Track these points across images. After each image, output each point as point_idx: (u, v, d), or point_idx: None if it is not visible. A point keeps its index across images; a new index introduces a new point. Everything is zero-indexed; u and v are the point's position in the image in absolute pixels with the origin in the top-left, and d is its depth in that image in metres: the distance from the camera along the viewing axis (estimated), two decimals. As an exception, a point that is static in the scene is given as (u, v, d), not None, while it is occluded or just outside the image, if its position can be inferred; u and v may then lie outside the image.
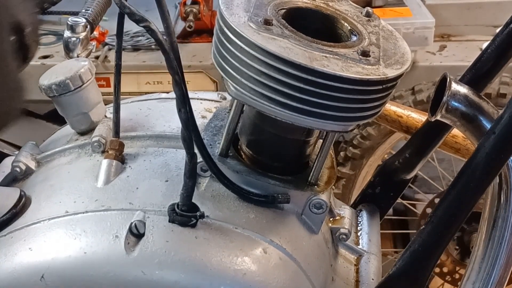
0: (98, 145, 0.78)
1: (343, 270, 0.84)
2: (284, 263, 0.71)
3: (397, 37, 0.74)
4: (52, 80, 0.79)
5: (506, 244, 0.74)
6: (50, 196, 0.74)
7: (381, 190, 0.99)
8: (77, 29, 0.85)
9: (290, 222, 0.75)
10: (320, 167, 0.75)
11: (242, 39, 0.65)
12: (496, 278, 0.75)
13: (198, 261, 0.67)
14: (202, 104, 0.86)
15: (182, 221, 0.69)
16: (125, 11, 0.65)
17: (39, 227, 0.70)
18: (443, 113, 0.74)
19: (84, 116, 0.82)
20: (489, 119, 0.73)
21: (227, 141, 0.74)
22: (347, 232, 0.84)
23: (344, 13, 0.75)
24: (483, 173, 0.69)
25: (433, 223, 0.71)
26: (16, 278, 0.68)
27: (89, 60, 0.82)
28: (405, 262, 0.73)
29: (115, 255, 0.67)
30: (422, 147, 0.94)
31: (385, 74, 0.66)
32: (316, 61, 0.64)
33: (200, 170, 0.73)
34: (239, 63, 0.66)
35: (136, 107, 0.88)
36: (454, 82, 0.74)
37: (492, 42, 0.81)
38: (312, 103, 0.65)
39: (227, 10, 0.67)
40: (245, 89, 0.66)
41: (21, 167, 0.80)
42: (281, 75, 0.64)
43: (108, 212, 0.70)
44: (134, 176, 0.75)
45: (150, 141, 0.81)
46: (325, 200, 0.76)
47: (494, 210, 0.75)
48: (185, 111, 0.66)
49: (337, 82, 0.64)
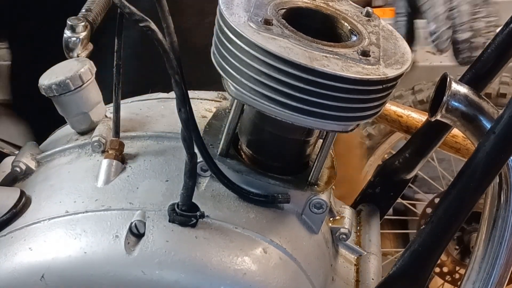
0: (98, 145, 0.78)
1: (343, 270, 0.84)
2: (284, 263, 0.71)
3: (397, 37, 0.74)
4: (52, 80, 0.79)
5: (506, 244, 0.74)
6: (50, 196, 0.74)
7: (381, 190, 0.99)
8: (77, 29, 0.84)
9: (290, 222, 0.75)
10: (320, 167, 0.75)
11: (242, 39, 0.65)
12: (496, 278, 0.75)
13: (198, 261, 0.67)
14: (202, 104, 0.86)
15: (182, 221, 0.69)
16: (125, 10, 0.65)
17: (39, 227, 0.70)
18: (443, 113, 0.74)
19: (84, 116, 0.82)
20: (489, 119, 0.74)
21: (227, 141, 0.74)
22: (347, 232, 0.84)
23: (344, 13, 0.75)
24: (483, 173, 0.69)
25: (433, 223, 0.71)
26: (16, 278, 0.68)
27: (89, 60, 0.82)
28: (405, 262, 0.73)
29: (115, 255, 0.67)
30: (422, 147, 0.94)
31: (385, 74, 0.66)
32: (316, 61, 0.64)
33: (200, 170, 0.73)
34: (239, 62, 0.66)
35: (136, 107, 0.88)
36: (454, 82, 0.74)
37: (492, 42, 0.81)
38: (312, 103, 0.65)
39: (227, 10, 0.67)
40: (245, 89, 0.66)
41: (21, 167, 0.80)
42: (281, 75, 0.64)
43: (108, 212, 0.70)
44: (134, 176, 0.75)
45: (150, 141, 0.80)
46: (325, 200, 0.76)
47: (494, 210, 0.75)
48: (185, 110, 0.66)
49: (337, 82, 0.64)
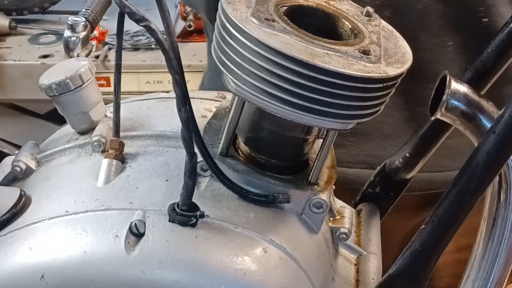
0: (98, 144, 0.78)
1: (343, 270, 0.84)
2: (284, 262, 0.71)
3: (398, 37, 0.75)
4: (52, 79, 0.79)
5: (506, 243, 0.74)
6: (50, 195, 0.74)
7: (381, 189, 0.99)
8: (77, 28, 0.84)
9: (290, 221, 0.75)
10: (320, 166, 0.75)
11: (244, 34, 0.65)
12: (496, 276, 0.75)
13: (198, 261, 0.67)
14: (202, 103, 0.86)
15: (182, 220, 0.69)
16: (125, 10, 0.65)
17: (39, 227, 0.70)
18: (443, 111, 0.74)
19: (84, 115, 0.82)
20: (489, 118, 0.74)
21: (227, 141, 0.74)
22: (347, 232, 0.84)
23: (345, 12, 0.75)
24: (483, 173, 0.69)
25: (433, 223, 0.71)
26: (16, 277, 0.68)
27: (89, 60, 0.82)
28: (405, 262, 0.73)
29: (115, 255, 0.67)
30: (422, 146, 0.94)
31: (386, 72, 0.66)
32: (318, 58, 0.64)
33: (200, 170, 0.73)
34: (240, 58, 0.66)
35: (136, 107, 0.88)
36: (454, 80, 0.74)
37: (492, 41, 0.81)
38: (313, 100, 0.65)
39: (229, 5, 0.68)
40: (245, 84, 0.66)
41: (21, 167, 0.80)
42: (282, 70, 0.64)
43: (108, 211, 0.70)
44: (134, 176, 0.75)
45: (150, 140, 0.80)
46: (325, 199, 0.76)
47: (494, 209, 0.75)
48: (185, 110, 0.66)
49: (338, 79, 0.64)
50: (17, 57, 2.49)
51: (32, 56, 2.50)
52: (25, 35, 2.65)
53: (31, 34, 2.66)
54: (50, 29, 2.69)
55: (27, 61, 2.47)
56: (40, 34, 2.66)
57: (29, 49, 2.55)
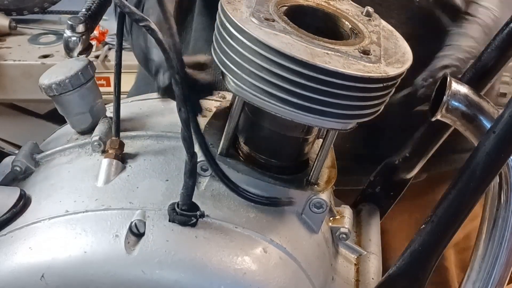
0: (98, 144, 0.78)
1: (343, 270, 0.84)
2: (284, 262, 0.71)
3: (398, 37, 0.75)
4: (52, 79, 0.79)
5: (506, 244, 0.74)
6: (50, 195, 0.74)
7: (381, 189, 0.99)
8: (77, 28, 0.84)
9: (290, 221, 0.75)
10: (320, 166, 0.75)
11: (244, 34, 0.65)
12: (497, 277, 0.75)
13: (198, 261, 0.67)
14: (202, 103, 0.86)
15: (182, 220, 0.69)
16: (125, 10, 0.65)
17: (39, 227, 0.70)
18: (443, 112, 0.74)
19: (84, 115, 0.82)
20: (489, 118, 0.74)
21: (228, 140, 0.74)
22: (347, 232, 0.84)
23: (345, 12, 0.75)
24: (483, 173, 0.69)
25: (433, 223, 0.71)
26: (16, 277, 0.68)
27: (89, 59, 0.82)
28: (405, 261, 0.73)
29: (115, 255, 0.67)
30: (422, 147, 0.94)
31: (386, 72, 0.66)
32: (318, 58, 0.64)
33: (200, 170, 0.73)
34: (240, 58, 0.66)
35: (137, 107, 0.88)
36: (455, 81, 0.74)
37: (492, 41, 0.81)
38: (313, 100, 0.65)
39: (229, 4, 0.68)
40: (245, 84, 0.66)
41: (21, 166, 0.80)
42: (282, 70, 0.64)
43: (108, 211, 0.70)
44: (134, 176, 0.75)
45: (150, 140, 0.81)
46: (325, 199, 0.76)
47: (494, 210, 0.75)
48: (185, 110, 0.66)
49: (338, 78, 0.64)
50: (17, 57, 2.49)
51: (32, 56, 2.50)
52: (25, 35, 2.65)
53: (31, 34, 2.66)
54: (50, 29, 2.69)
55: (27, 61, 2.47)
56: (40, 34, 2.66)
57: (29, 49, 2.55)
